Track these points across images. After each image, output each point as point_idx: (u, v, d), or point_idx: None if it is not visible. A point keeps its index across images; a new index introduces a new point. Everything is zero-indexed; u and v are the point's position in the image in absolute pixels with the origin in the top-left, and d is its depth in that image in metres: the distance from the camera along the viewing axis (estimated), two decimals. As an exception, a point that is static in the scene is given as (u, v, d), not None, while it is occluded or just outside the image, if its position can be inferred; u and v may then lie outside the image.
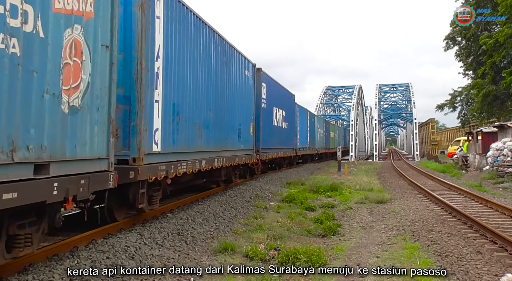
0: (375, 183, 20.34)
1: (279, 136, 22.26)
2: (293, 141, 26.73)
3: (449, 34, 42.25)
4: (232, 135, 14.03)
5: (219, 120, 12.49)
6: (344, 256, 7.64)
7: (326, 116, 64.91)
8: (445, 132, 74.74)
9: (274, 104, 20.81)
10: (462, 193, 16.09)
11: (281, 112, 22.53)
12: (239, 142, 14.66)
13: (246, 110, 15.71)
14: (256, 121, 17.11)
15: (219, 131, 12.51)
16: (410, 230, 9.54)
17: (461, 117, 49.21)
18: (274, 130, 21.03)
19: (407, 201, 14.27)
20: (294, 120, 26.93)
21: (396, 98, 75.66)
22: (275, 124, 21.13)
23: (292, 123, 26.13)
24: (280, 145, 22.53)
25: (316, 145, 37.47)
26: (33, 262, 5.76)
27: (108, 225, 7.80)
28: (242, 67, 15.25)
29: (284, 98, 24.02)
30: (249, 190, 15.08)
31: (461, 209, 11.65)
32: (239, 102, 14.72)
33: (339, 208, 12.94)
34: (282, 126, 22.77)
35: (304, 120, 31.77)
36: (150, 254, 6.82)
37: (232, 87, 13.85)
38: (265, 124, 18.72)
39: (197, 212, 10.23)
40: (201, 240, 8.17)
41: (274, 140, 20.78)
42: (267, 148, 19.20)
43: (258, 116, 17.57)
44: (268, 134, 19.45)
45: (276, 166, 24.56)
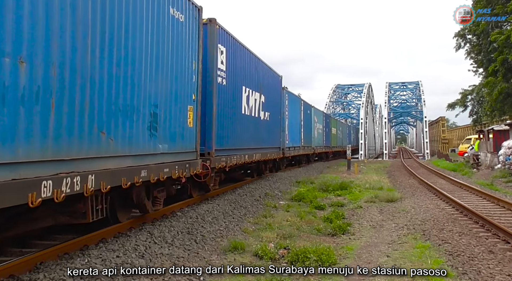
0: (385, 182, 20.24)
1: (254, 131, 15.77)
2: (279, 138, 20.14)
3: (459, 31, 41.92)
4: (125, 126, 6.93)
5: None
6: (354, 255, 7.59)
7: (335, 114, 64.77)
8: (455, 130, 74.32)
9: (243, 82, 14.22)
10: (473, 192, 15.96)
11: (257, 97, 15.99)
12: (152, 139, 7.81)
13: (173, 81, 8.67)
14: (203, 104, 10.64)
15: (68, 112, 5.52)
16: (421, 229, 9.47)
17: (473, 116, 48.85)
18: (244, 122, 14.41)
19: (417, 200, 14.18)
20: (280, 111, 20.57)
21: (406, 96, 75.37)
22: (245, 112, 14.51)
23: (277, 114, 19.70)
24: (256, 143, 16.00)
25: (312, 143, 31.02)
26: (44, 261, 5.79)
27: (117, 224, 7.82)
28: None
29: (265, 79, 17.25)
30: (258, 189, 15.06)
31: (472, 208, 11.55)
32: (150, 64, 7.69)
33: (348, 207, 12.88)
34: (259, 117, 16.45)
35: (296, 112, 25.60)
36: (160, 253, 6.82)
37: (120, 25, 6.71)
38: (224, 112, 12.29)
39: (207, 211, 10.23)
40: (211, 239, 8.17)
41: (243, 136, 14.26)
42: (229, 148, 12.80)
43: (208, 96, 11.12)
44: (231, 128, 13.01)
45: (254, 173, 18.11)
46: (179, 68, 8.87)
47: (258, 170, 18.31)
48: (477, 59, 40.54)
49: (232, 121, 13.11)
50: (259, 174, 18.44)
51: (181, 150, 9.03)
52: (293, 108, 24.82)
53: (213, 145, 11.34)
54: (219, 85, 11.86)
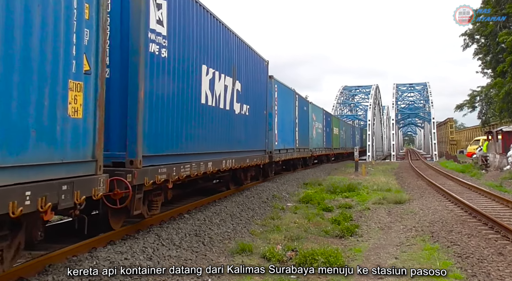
0: (393, 183, 20.16)
1: (225, 129, 11.79)
2: (264, 139, 16.15)
3: (466, 31, 41.76)
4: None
5: None
6: (362, 257, 7.57)
7: (342, 116, 64.62)
8: (464, 131, 73.93)
9: (203, 59, 10.15)
10: (482, 193, 15.86)
11: (228, 83, 11.95)
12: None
13: None
14: (121, 84, 7.30)
15: None
16: (429, 231, 9.42)
17: (481, 117, 48.56)
18: (207, 116, 10.40)
19: (425, 202, 14.12)
20: (267, 105, 16.60)
21: (414, 97, 75.05)
22: (208, 102, 10.49)
23: (262, 109, 15.89)
24: (229, 146, 12.04)
25: (310, 144, 27.07)
26: (52, 263, 5.82)
27: (125, 227, 7.83)
28: None
29: (241, 60, 13.30)
30: (266, 191, 15.06)
31: (481, 210, 11.48)
32: None
33: (356, 209, 12.84)
34: (233, 110, 12.50)
35: (288, 107, 21.30)
36: (168, 255, 6.83)
37: None
38: (164, 98, 8.24)
39: (214, 213, 10.24)
40: (218, 241, 8.17)
41: (206, 136, 10.33)
42: (175, 154, 8.72)
43: (131, 71, 7.25)
44: (180, 124, 8.87)
45: (231, 183, 14.31)
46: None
47: (236, 179, 14.41)
48: (485, 60, 40.35)
49: (181, 114, 8.96)
50: (238, 185, 14.61)
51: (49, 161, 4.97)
52: (285, 102, 20.38)
53: (139, 150, 7.25)
54: (153, 57, 7.77)
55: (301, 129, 23.99)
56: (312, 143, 27.76)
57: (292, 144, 21.86)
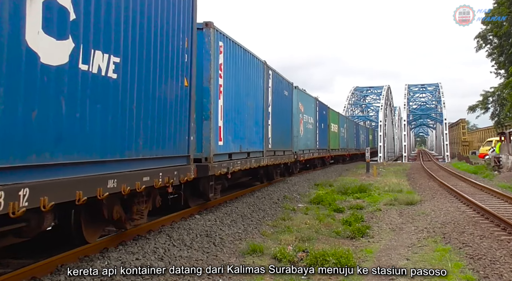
0: (405, 185, 20.05)
1: None
2: (184, 136, 8.72)
3: (480, 33, 41.47)
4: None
5: None
6: (373, 258, 7.55)
7: (354, 116, 64.42)
8: (476, 132, 73.39)
9: None
10: (495, 195, 15.72)
11: None
12: None
13: None
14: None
15: None
16: (441, 232, 9.37)
17: (494, 118, 48.15)
18: None
19: (437, 203, 14.03)
20: None
21: (426, 98, 74.66)
22: None
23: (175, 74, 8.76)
24: None
25: (295, 145, 20.00)
26: (65, 263, 5.87)
27: (137, 227, 7.89)
28: None
29: None
30: (277, 191, 15.06)
31: (493, 211, 11.38)
32: None
33: (367, 210, 12.80)
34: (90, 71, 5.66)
35: (255, 88, 14.00)
36: (179, 256, 6.87)
37: None
38: None
39: (225, 214, 10.27)
40: (229, 242, 8.19)
41: None
42: None
43: None
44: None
45: None
46: None
47: None
48: (499, 61, 40.02)
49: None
50: None
51: None
52: (234, 65, 12.08)
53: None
54: None
55: (276, 121, 16.49)
56: (298, 143, 20.75)
57: (260, 144, 14.63)
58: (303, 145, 22.07)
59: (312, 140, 24.63)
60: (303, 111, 22.13)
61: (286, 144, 18.19)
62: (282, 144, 17.39)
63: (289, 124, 19.05)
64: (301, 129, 21.59)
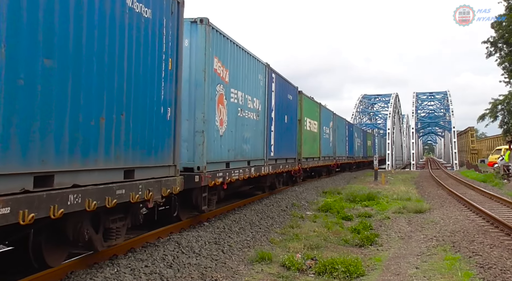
0: (413, 193, 19.97)
1: None
2: None
3: (488, 38, 41.30)
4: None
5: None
6: (382, 266, 7.51)
7: (362, 124, 64.28)
8: (485, 140, 72.89)
9: None
10: (504, 203, 15.61)
11: None
12: None
13: None
14: None
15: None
16: (450, 240, 9.31)
17: (503, 126, 47.84)
18: None
19: (446, 211, 13.95)
20: None
21: (434, 106, 74.55)
22: None
23: None
24: None
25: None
26: (75, 270, 5.89)
27: (147, 234, 7.90)
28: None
29: None
30: (285, 199, 15.04)
31: (503, 220, 11.30)
32: None
33: (376, 218, 12.75)
34: None
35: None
36: (188, 263, 6.87)
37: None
38: None
39: (234, 221, 10.26)
40: (238, 249, 8.19)
41: None
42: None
43: None
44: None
45: None
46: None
47: None
48: (510, 69, 39.82)
49: None
50: None
51: None
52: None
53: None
54: None
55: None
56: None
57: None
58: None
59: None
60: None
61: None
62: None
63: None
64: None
